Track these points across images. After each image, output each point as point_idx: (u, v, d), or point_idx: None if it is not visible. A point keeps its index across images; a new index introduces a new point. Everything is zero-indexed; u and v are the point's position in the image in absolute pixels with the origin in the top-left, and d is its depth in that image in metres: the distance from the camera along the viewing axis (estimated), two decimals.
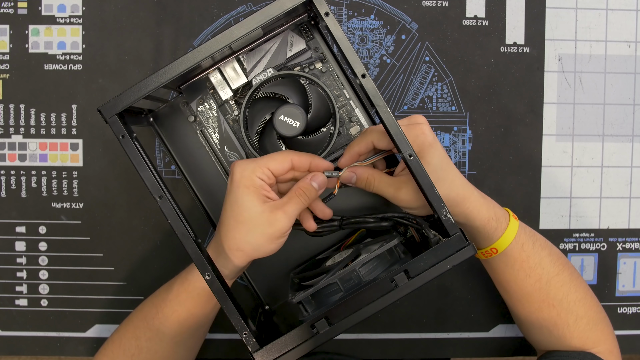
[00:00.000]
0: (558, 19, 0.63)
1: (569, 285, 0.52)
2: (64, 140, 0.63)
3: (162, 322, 0.50)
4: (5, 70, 0.62)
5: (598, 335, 0.53)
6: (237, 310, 0.42)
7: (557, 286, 0.52)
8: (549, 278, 0.51)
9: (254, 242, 0.45)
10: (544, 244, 0.53)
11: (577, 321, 0.52)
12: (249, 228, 0.44)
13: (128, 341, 0.51)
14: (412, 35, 0.63)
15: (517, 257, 0.51)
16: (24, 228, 0.63)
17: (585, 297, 0.53)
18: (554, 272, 0.52)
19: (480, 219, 0.49)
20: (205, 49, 0.43)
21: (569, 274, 0.52)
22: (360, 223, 0.50)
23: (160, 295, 0.51)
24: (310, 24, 0.54)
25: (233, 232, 0.45)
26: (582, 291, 0.53)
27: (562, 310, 0.52)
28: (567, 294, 0.52)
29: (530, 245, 0.51)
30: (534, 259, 0.51)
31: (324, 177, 0.47)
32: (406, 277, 0.41)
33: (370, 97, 0.42)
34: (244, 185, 0.44)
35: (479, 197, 0.49)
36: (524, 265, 0.51)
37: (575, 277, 0.53)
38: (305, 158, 0.47)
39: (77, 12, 0.62)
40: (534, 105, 0.64)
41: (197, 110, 0.56)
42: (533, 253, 0.51)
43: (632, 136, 0.64)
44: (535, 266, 0.51)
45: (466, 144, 0.63)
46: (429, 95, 0.63)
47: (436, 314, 0.64)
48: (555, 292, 0.52)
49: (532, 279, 0.51)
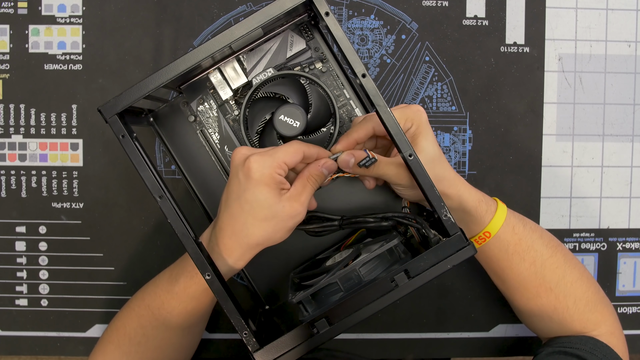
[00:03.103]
0: (558, 18, 0.63)
1: (564, 266, 0.52)
2: (64, 140, 0.63)
3: (169, 313, 0.49)
4: (6, 70, 0.62)
5: (598, 317, 0.53)
6: (237, 310, 0.42)
7: (552, 268, 0.52)
8: (543, 260, 0.52)
9: (277, 236, 0.45)
10: (534, 226, 0.53)
11: (576, 303, 0.52)
12: (274, 224, 0.44)
13: (133, 330, 0.51)
14: (412, 35, 0.63)
15: (510, 240, 0.51)
16: (24, 228, 0.63)
17: (581, 277, 0.53)
18: (548, 254, 0.52)
19: (472, 200, 0.51)
20: (206, 49, 0.43)
21: (562, 255, 0.53)
22: (360, 223, 0.50)
23: (162, 285, 0.51)
24: (310, 24, 0.54)
25: (253, 229, 0.44)
26: (577, 271, 0.53)
27: (560, 292, 0.52)
28: (563, 276, 0.52)
29: (521, 228, 0.52)
30: (526, 241, 0.52)
31: (333, 163, 0.48)
32: (406, 277, 0.41)
33: (371, 97, 0.42)
34: (264, 183, 0.43)
35: (466, 183, 0.52)
36: (518, 249, 0.51)
37: (569, 258, 0.53)
38: (314, 150, 0.47)
39: (77, 12, 0.62)
40: (534, 105, 0.64)
41: (197, 110, 0.56)
42: (525, 235, 0.52)
43: (632, 136, 0.64)
44: (528, 249, 0.52)
45: (466, 144, 0.63)
46: (429, 95, 0.63)
47: (436, 314, 0.64)
48: (551, 275, 0.52)
49: (526, 263, 0.52)
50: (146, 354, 0.51)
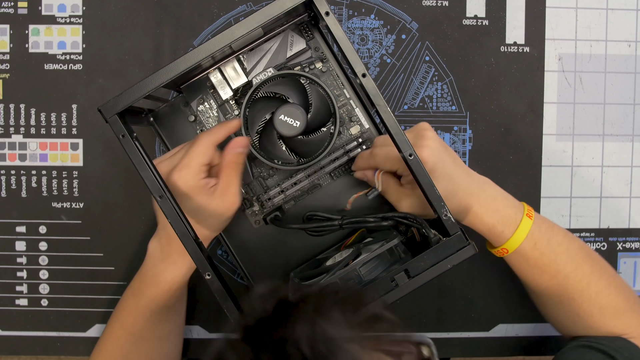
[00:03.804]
0: (558, 18, 0.63)
1: (589, 277, 0.51)
2: (64, 140, 0.63)
3: (142, 325, 0.52)
4: (6, 70, 0.62)
5: (627, 323, 0.51)
6: (237, 309, 0.42)
7: (576, 280, 0.50)
8: (566, 273, 0.50)
9: (221, 228, 0.51)
10: (562, 239, 0.51)
11: (602, 311, 0.50)
12: (216, 223, 0.49)
13: (113, 352, 0.54)
14: (412, 35, 0.63)
15: (530, 255, 0.50)
16: (24, 228, 0.63)
17: (608, 287, 0.51)
18: (572, 267, 0.50)
19: (482, 226, 0.49)
20: (206, 49, 0.43)
21: (589, 267, 0.51)
22: (360, 223, 0.50)
23: (128, 303, 0.53)
24: (310, 24, 0.54)
25: (201, 231, 0.48)
26: (604, 282, 0.51)
27: (584, 302, 0.51)
28: (587, 287, 0.50)
29: (544, 243, 0.50)
30: (549, 256, 0.50)
31: (243, 138, 0.50)
32: (406, 276, 0.41)
33: (371, 97, 0.42)
34: (192, 194, 0.46)
35: (485, 201, 0.49)
36: (538, 262, 0.50)
37: (596, 268, 0.51)
38: (220, 131, 0.49)
39: (77, 12, 0.62)
40: (534, 105, 0.64)
41: (197, 110, 0.56)
42: (548, 250, 0.50)
43: (632, 136, 0.64)
44: (549, 263, 0.50)
45: (466, 144, 0.63)
46: (429, 95, 0.63)
47: (436, 314, 0.64)
48: (575, 285, 0.50)
49: (548, 275, 0.51)
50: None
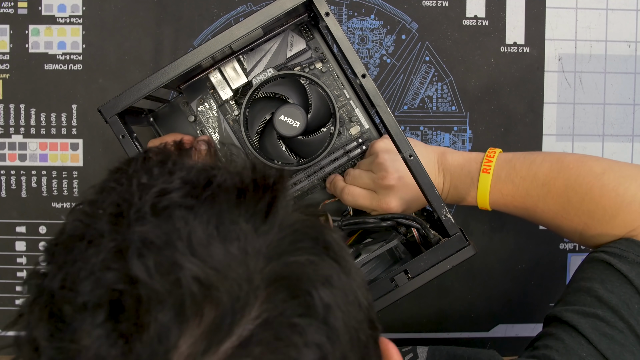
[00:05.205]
0: (558, 18, 0.63)
1: (566, 192, 0.48)
2: (64, 140, 0.63)
3: None
4: (6, 70, 0.62)
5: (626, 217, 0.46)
6: None
7: (553, 200, 0.49)
8: (543, 199, 0.49)
9: None
10: (526, 173, 0.50)
11: (592, 216, 0.47)
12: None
13: None
14: (412, 35, 0.63)
15: (504, 202, 0.51)
16: (24, 228, 0.63)
17: (591, 189, 0.47)
18: (544, 192, 0.49)
19: (458, 203, 0.54)
20: (206, 49, 0.43)
21: (563, 181, 0.49)
22: (360, 223, 0.50)
23: None
24: (310, 24, 0.54)
25: None
26: (585, 187, 0.48)
27: (569, 216, 0.49)
28: (568, 201, 0.48)
29: (510, 187, 0.50)
30: (520, 193, 0.50)
31: None
32: (406, 277, 0.41)
33: (371, 97, 0.42)
34: None
35: (447, 188, 0.54)
36: (515, 204, 0.51)
37: (573, 179, 0.48)
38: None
39: (77, 12, 0.62)
40: (534, 105, 0.64)
41: (197, 110, 0.56)
42: (515, 191, 0.50)
43: (632, 136, 0.64)
44: (523, 199, 0.50)
45: (466, 144, 0.63)
46: (429, 95, 0.63)
47: (436, 314, 0.64)
48: (555, 207, 0.49)
49: (529, 211, 0.51)
50: None
